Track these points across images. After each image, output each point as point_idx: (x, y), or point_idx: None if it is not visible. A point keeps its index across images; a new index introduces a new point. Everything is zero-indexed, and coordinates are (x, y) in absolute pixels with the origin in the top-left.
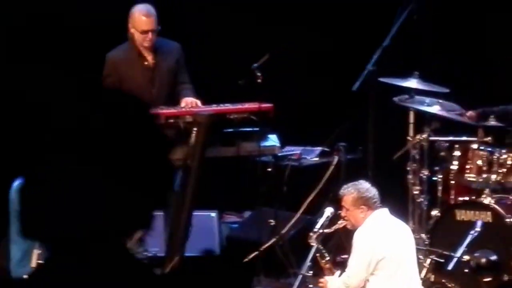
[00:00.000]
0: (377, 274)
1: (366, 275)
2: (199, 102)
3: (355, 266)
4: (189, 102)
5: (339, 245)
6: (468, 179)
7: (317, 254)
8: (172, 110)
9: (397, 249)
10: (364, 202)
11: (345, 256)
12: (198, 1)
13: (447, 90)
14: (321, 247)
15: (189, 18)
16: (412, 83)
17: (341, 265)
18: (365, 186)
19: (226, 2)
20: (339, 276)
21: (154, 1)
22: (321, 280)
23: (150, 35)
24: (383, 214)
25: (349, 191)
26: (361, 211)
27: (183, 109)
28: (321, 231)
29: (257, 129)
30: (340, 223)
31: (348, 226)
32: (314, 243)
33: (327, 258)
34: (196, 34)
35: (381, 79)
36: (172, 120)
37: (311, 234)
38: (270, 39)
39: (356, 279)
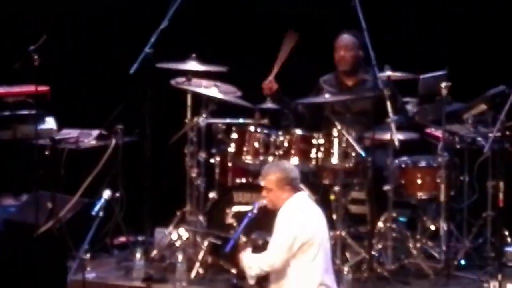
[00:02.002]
0: (299, 258)
1: (288, 256)
2: None
3: (278, 246)
4: None
5: (116, 226)
6: (246, 161)
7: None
8: None
9: (318, 233)
10: (289, 183)
11: (123, 239)
12: None
13: (224, 69)
14: (236, 224)
15: None
16: (190, 65)
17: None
18: (289, 167)
19: None
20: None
21: None
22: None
23: None
24: (304, 197)
25: (273, 171)
26: (284, 192)
27: None
28: (237, 209)
29: (34, 112)
30: (261, 202)
31: (269, 206)
32: (230, 221)
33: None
34: None
35: (159, 62)
36: None
37: (227, 211)
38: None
39: (278, 259)
